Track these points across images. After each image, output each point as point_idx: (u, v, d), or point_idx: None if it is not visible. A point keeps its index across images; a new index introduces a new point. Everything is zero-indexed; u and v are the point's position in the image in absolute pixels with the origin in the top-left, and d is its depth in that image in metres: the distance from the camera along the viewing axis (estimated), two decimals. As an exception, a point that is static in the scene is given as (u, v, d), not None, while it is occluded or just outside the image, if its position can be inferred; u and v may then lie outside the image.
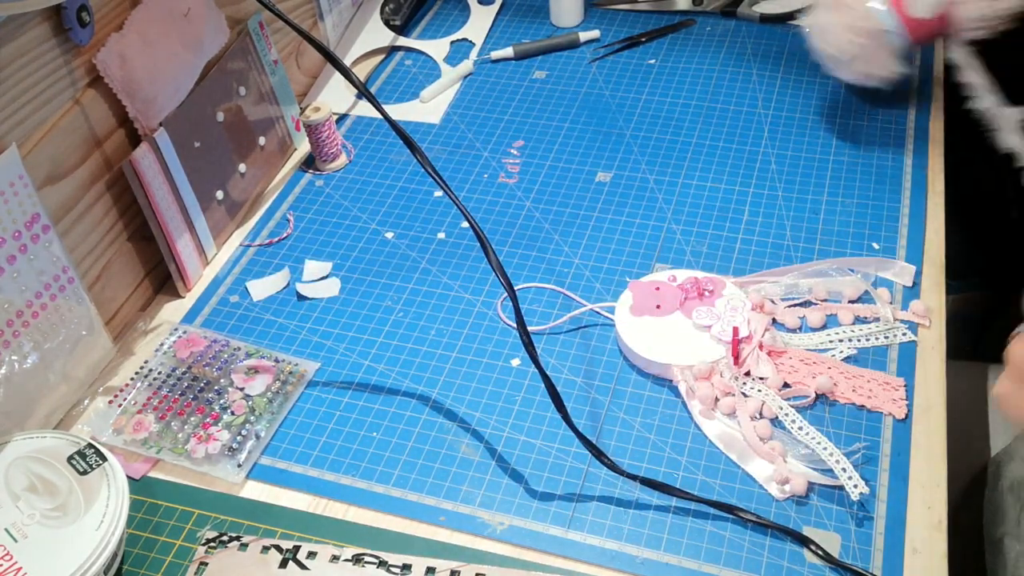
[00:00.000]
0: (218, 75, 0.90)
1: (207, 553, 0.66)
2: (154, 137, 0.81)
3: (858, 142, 0.95)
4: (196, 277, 0.88)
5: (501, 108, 1.05)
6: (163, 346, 0.81)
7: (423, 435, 0.73)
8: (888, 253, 0.84)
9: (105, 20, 0.77)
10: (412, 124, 1.04)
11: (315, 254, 0.90)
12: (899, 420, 0.71)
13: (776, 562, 0.63)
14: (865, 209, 0.88)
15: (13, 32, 0.68)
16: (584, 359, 0.78)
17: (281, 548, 0.66)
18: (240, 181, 0.94)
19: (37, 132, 0.72)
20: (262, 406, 0.75)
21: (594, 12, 1.18)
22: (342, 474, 0.71)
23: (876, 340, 0.76)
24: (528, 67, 1.11)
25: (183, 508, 0.70)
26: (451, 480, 0.70)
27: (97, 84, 0.77)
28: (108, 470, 0.65)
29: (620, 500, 0.68)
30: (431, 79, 1.10)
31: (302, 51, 1.06)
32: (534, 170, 0.97)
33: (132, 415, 0.75)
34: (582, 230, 0.89)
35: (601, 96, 1.06)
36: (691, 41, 1.12)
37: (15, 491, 0.64)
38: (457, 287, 0.85)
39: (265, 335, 0.82)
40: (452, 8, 1.22)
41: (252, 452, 0.72)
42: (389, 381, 0.78)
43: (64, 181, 0.75)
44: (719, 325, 0.75)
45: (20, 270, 0.70)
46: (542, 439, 0.72)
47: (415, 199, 0.95)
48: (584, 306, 0.82)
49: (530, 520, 0.67)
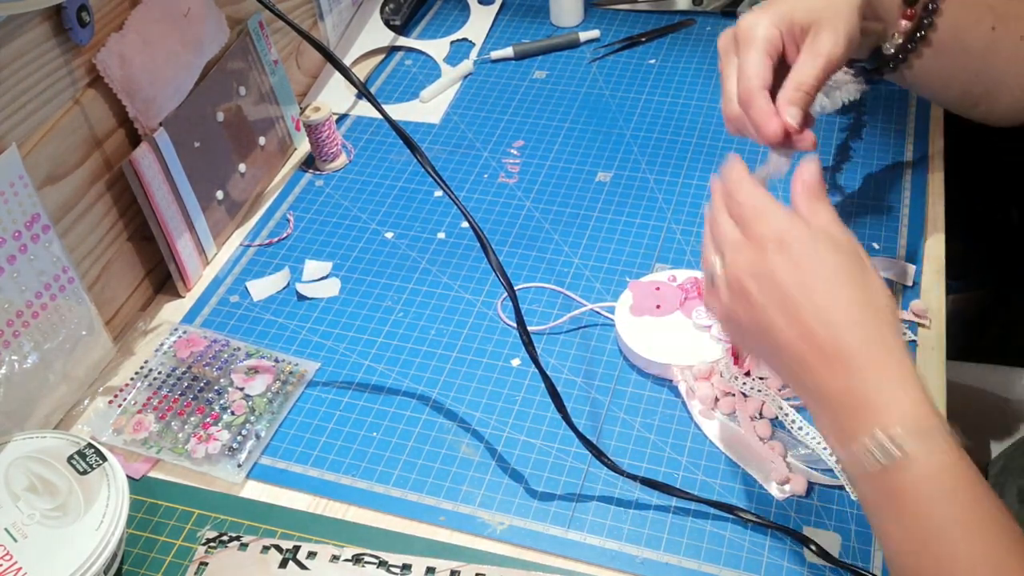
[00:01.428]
0: (218, 75, 0.90)
1: (207, 553, 0.66)
2: (154, 137, 0.81)
3: (858, 142, 0.95)
4: (196, 277, 0.88)
5: (501, 108, 1.05)
6: (163, 346, 0.81)
7: (423, 435, 0.73)
8: (888, 253, 0.84)
9: (105, 20, 0.77)
10: (412, 124, 1.04)
11: (315, 254, 0.90)
12: (899, 420, 0.70)
13: (776, 562, 0.63)
14: (865, 209, 0.88)
15: (13, 32, 0.68)
16: (584, 359, 0.78)
17: (281, 548, 0.66)
18: (240, 181, 0.94)
19: (37, 132, 0.72)
20: (262, 406, 0.75)
21: (594, 12, 1.18)
22: (342, 474, 0.71)
23: (876, 340, 0.76)
24: (528, 67, 1.11)
25: (183, 508, 0.69)
26: (451, 480, 0.70)
27: (97, 84, 0.77)
28: (108, 470, 0.65)
29: (620, 500, 0.68)
30: (431, 79, 1.10)
31: (302, 51, 1.06)
32: (534, 170, 0.97)
33: (132, 415, 0.75)
34: (582, 230, 0.89)
35: (601, 96, 1.06)
36: (691, 41, 1.12)
37: (15, 491, 0.64)
38: (457, 287, 0.85)
39: (265, 335, 0.82)
40: (452, 8, 1.22)
41: (252, 452, 0.72)
42: (389, 381, 0.78)
43: (64, 181, 0.75)
44: (719, 325, 0.75)
45: (20, 270, 0.70)
46: (542, 439, 0.72)
47: (415, 199, 0.95)
48: (584, 306, 0.82)
49: (530, 520, 0.67)
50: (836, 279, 0.54)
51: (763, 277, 0.55)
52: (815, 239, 0.55)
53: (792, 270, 0.54)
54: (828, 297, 0.53)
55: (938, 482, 0.48)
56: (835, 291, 0.53)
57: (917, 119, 0.97)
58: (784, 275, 0.54)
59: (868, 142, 0.95)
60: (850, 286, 0.53)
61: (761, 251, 0.56)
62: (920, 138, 0.95)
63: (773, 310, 0.55)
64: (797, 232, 0.55)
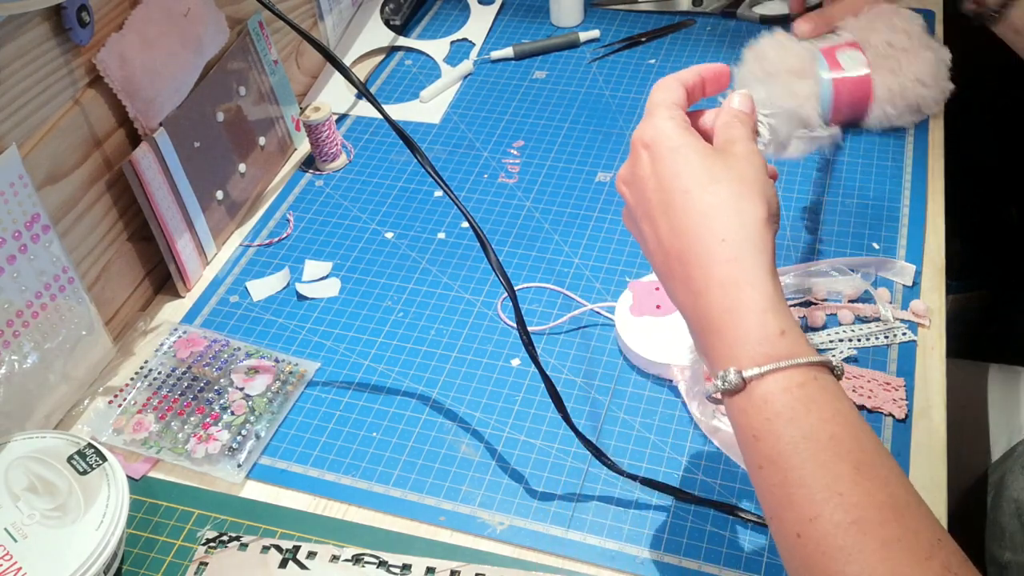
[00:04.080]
0: (218, 75, 0.90)
1: (207, 553, 0.66)
2: (154, 137, 0.81)
3: (858, 142, 0.95)
4: (196, 277, 0.88)
5: (501, 108, 1.05)
6: (163, 346, 0.81)
7: (423, 435, 0.73)
8: (888, 253, 0.84)
9: (105, 20, 0.77)
10: (412, 124, 1.04)
11: (315, 254, 0.90)
12: (899, 420, 0.71)
13: (776, 562, 0.63)
14: (865, 209, 0.88)
15: (13, 32, 0.68)
16: (584, 359, 0.78)
17: (281, 548, 0.66)
18: (240, 181, 0.94)
19: (37, 132, 0.72)
20: (262, 406, 0.75)
21: (594, 12, 1.18)
22: (342, 474, 0.71)
23: (876, 340, 0.76)
24: (528, 67, 1.11)
25: (183, 508, 0.69)
26: (451, 480, 0.70)
27: (97, 84, 0.77)
28: (108, 470, 0.65)
29: (620, 500, 0.68)
30: (431, 79, 1.10)
31: (302, 51, 1.06)
32: (534, 170, 0.97)
33: (132, 415, 0.75)
34: (582, 230, 0.89)
35: (601, 96, 1.06)
36: (691, 41, 1.12)
37: (15, 491, 0.64)
38: (457, 287, 0.85)
39: (265, 335, 0.82)
40: (452, 8, 1.22)
41: (252, 452, 0.72)
42: (389, 381, 0.78)
43: (64, 181, 0.75)
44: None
45: (20, 270, 0.70)
46: (542, 439, 0.72)
47: (415, 199, 0.95)
48: (584, 306, 0.82)
49: (530, 520, 0.67)
50: (698, 184, 0.51)
51: (631, 182, 0.55)
52: (685, 144, 0.53)
53: (652, 174, 0.53)
54: (687, 202, 0.51)
55: (780, 404, 0.47)
56: (694, 197, 0.51)
57: (917, 119, 0.97)
58: (646, 179, 0.53)
59: (868, 142, 0.95)
60: (713, 193, 0.51)
61: (634, 154, 0.55)
62: (920, 138, 0.95)
63: (640, 215, 0.54)
64: (667, 134, 0.53)
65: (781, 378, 0.47)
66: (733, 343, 0.49)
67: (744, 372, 0.48)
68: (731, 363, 0.49)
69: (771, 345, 0.48)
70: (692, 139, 0.53)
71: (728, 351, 0.49)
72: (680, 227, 0.51)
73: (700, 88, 0.58)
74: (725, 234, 0.50)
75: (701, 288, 0.50)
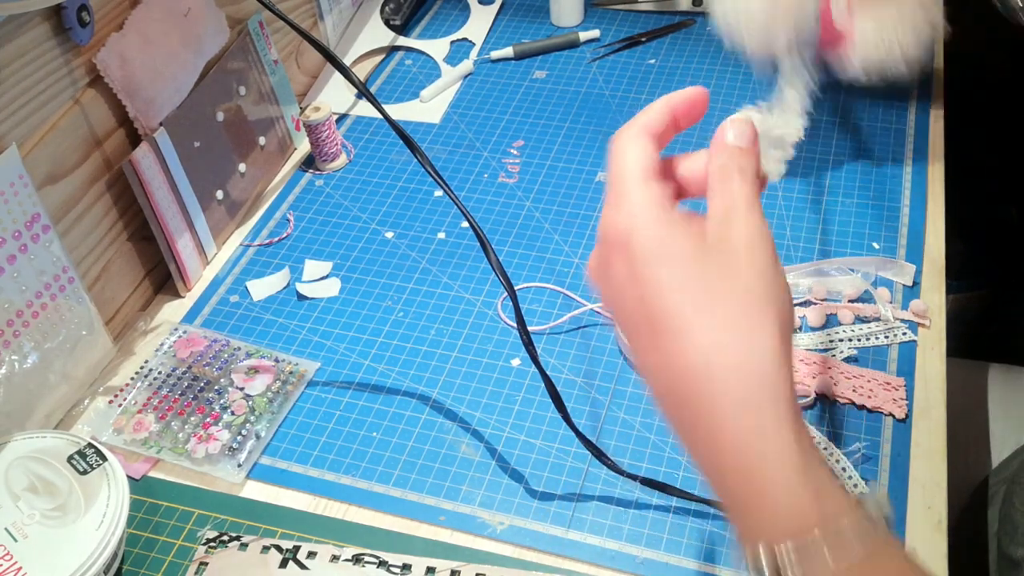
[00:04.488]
0: (218, 75, 0.90)
1: (207, 553, 0.66)
2: (154, 137, 0.81)
3: (858, 142, 0.95)
4: (196, 277, 0.88)
5: (501, 108, 1.05)
6: (163, 346, 0.81)
7: (423, 435, 0.73)
8: (888, 253, 0.84)
9: (105, 20, 0.77)
10: (412, 124, 1.04)
11: (315, 254, 0.90)
12: (899, 420, 0.71)
13: (776, 562, 0.63)
14: (865, 209, 0.88)
15: (13, 32, 0.68)
16: (584, 359, 0.78)
17: (281, 548, 0.66)
18: (240, 181, 0.94)
19: (37, 132, 0.72)
20: (262, 406, 0.75)
21: (594, 12, 1.18)
22: (342, 474, 0.71)
23: (876, 340, 0.76)
24: (528, 67, 1.11)
25: (183, 508, 0.69)
26: (451, 480, 0.70)
27: (97, 84, 0.77)
28: (108, 470, 0.65)
29: (620, 500, 0.68)
30: (431, 79, 1.10)
31: (302, 51, 1.06)
32: (534, 170, 0.97)
33: (132, 415, 0.75)
34: (582, 230, 0.89)
35: (601, 96, 1.06)
36: (691, 41, 1.12)
37: (15, 491, 0.64)
38: (457, 287, 0.85)
39: (265, 335, 0.82)
40: (452, 8, 1.22)
41: (252, 452, 0.72)
42: (389, 381, 0.78)
43: (64, 181, 0.75)
44: None
45: (20, 270, 0.70)
46: (542, 439, 0.72)
47: (415, 199, 0.95)
48: (584, 306, 0.82)
49: (530, 520, 0.67)
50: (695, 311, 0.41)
51: (606, 282, 0.44)
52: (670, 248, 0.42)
53: (630, 283, 0.42)
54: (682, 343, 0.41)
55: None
56: (690, 338, 0.41)
57: (917, 119, 0.97)
58: (623, 287, 0.43)
59: (868, 142, 0.95)
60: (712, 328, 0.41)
61: (605, 249, 0.44)
62: (920, 138, 0.95)
63: (624, 327, 0.45)
64: (644, 231, 0.42)
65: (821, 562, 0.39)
66: (760, 521, 0.41)
67: (777, 548, 0.40)
68: (760, 539, 0.40)
69: (804, 518, 0.40)
70: (678, 235, 0.42)
71: (756, 527, 0.41)
72: (677, 368, 0.42)
73: (672, 127, 0.47)
74: (733, 383, 0.41)
75: (710, 447, 0.42)
